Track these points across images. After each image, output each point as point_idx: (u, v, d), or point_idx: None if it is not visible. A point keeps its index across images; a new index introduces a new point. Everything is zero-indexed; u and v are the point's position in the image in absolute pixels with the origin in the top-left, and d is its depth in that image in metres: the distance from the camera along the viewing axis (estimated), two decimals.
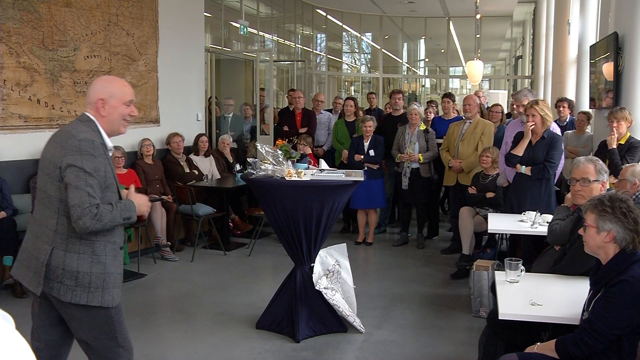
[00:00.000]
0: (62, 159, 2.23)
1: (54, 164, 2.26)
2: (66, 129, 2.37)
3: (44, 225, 2.32)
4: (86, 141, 2.26)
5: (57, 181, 2.26)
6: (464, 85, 23.22)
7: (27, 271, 2.35)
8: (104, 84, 2.43)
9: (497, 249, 5.51)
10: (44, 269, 2.26)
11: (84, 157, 2.23)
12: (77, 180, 2.20)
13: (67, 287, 2.27)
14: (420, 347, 3.81)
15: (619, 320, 2.17)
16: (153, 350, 3.78)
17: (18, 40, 5.20)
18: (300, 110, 7.49)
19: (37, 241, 2.33)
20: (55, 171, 2.26)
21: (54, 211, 2.29)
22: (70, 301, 2.28)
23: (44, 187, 2.33)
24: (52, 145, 2.34)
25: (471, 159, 5.90)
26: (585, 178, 3.08)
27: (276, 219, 3.95)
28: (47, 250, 2.27)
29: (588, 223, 2.33)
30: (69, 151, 2.24)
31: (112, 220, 2.26)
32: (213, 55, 8.45)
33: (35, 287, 2.30)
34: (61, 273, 2.26)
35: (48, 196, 2.31)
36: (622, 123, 4.87)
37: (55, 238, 2.28)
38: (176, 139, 6.47)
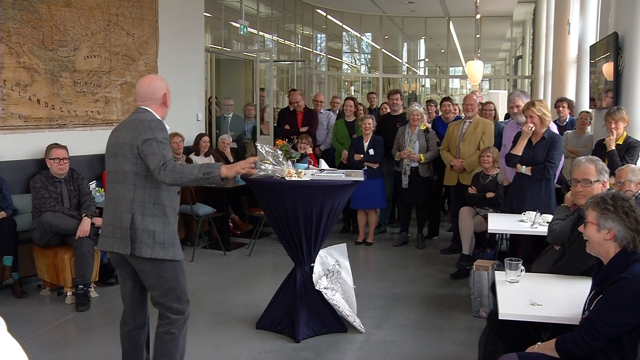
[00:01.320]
0: (138, 137, 2.72)
1: (130, 144, 2.74)
2: (132, 119, 2.85)
3: (121, 198, 2.79)
4: (155, 121, 2.79)
5: (132, 158, 2.74)
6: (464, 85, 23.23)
7: (114, 240, 2.80)
8: (161, 81, 2.97)
9: (497, 249, 5.51)
10: (129, 232, 2.73)
11: (155, 131, 2.73)
12: (152, 148, 2.69)
13: (146, 245, 2.73)
14: (420, 347, 3.81)
15: (618, 318, 2.17)
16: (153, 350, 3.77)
17: (18, 40, 5.20)
18: (302, 110, 7.49)
19: (117, 213, 2.80)
20: (132, 150, 2.73)
21: (131, 184, 2.76)
22: (150, 256, 2.73)
23: (119, 168, 2.80)
24: (124, 132, 2.81)
25: (473, 158, 5.90)
26: (587, 179, 3.08)
27: (276, 219, 3.95)
28: (128, 217, 2.75)
29: (589, 220, 2.33)
30: (143, 130, 2.73)
31: (190, 173, 2.68)
32: (213, 55, 8.46)
33: (125, 248, 2.75)
34: (141, 233, 2.74)
35: (124, 173, 2.78)
36: (620, 124, 4.87)
37: (133, 206, 2.75)
38: (176, 139, 6.46)
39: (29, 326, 4.15)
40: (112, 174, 2.86)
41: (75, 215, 4.76)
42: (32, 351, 2.76)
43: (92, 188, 5.25)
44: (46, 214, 4.64)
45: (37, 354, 3.62)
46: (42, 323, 4.27)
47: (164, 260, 2.77)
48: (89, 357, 3.68)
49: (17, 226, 4.83)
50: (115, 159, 2.83)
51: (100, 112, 5.98)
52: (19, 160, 5.25)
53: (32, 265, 4.93)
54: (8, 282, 4.71)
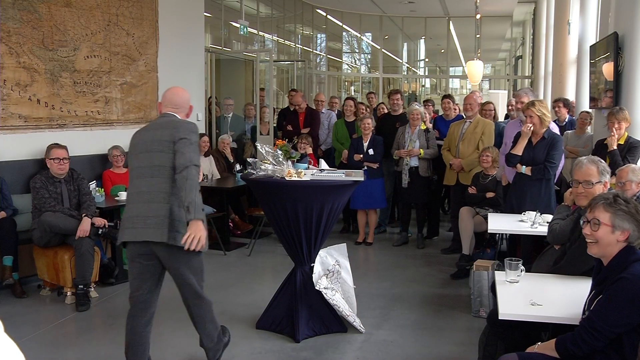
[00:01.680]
0: (177, 134, 2.95)
1: (168, 141, 2.96)
2: (167, 120, 3.09)
3: (155, 191, 2.97)
4: (193, 125, 3.08)
5: (170, 153, 2.94)
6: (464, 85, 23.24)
7: (147, 229, 2.96)
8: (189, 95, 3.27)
9: (497, 249, 5.51)
10: (167, 221, 2.92)
11: (192, 134, 2.99)
12: (184, 147, 2.92)
13: (181, 234, 2.89)
14: (420, 347, 3.81)
15: (617, 318, 2.17)
16: (153, 350, 3.76)
17: (18, 40, 5.20)
18: (304, 111, 7.48)
19: (152, 205, 2.96)
20: (169, 145, 2.94)
21: (167, 177, 2.95)
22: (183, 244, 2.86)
23: (153, 163, 2.98)
24: (160, 131, 3.03)
25: (471, 157, 5.90)
26: (588, 180, 3.06)
27: (276, 219, 3.95)
28: (166, 208, 2.93)
29: (603, 222, 2.29)
30: (183, 129, 2.99)
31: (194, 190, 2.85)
32: (213, 55, 8.46)
33: (160, 236, 2.93)
34: (177, 224, 2.93)
35: (159, 167, 2.97)
36: (623, 124, 4.88)
37: (170, 198, 2.94)
38: None
39: (29, 326, 4.15)
40: (142, 169, 3.02)
41: (75, 215, 4.76)
42: (32, 351, 2.77)
43: (92, 188, 5.25)
44: (46, 214, 4.64)
45: (37, 354, 3.62)
46: (42, 323, 4.27)
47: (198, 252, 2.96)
48: (89, 357, 3.68)
49: (17, 226, 4.84)
50: (149, 155, 3.01)
51: (100, 112, 5.98)
52: (19, 160, 5.25)
53: (32, 265, 4.93)
54: (8, 282, 4.71)
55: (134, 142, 3.12)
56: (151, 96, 6.56)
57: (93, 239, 4.72)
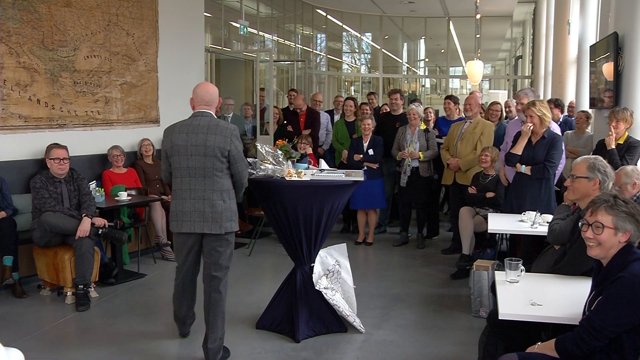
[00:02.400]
0: (230, 144, 3.38)
1: (221, 148, 3.37)
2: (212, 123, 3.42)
3: (209, 189, 3.41)
4: (235, 130, 3.48)
5: (222, 157, 3.38)
6: (464, 85, 23.25)
7: (205, 222, 3.42)
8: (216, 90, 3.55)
9: (497, 249, 5.51)
10: (222, 214, 3.41)
11: (237, 140, 3.46)
12: (240, 155, 3.46)
13: (232, 222, 3.48)
14: (420, 347, 3.81)
15: (617, 318, 2.17)
16: (153, 350, 3.78)
17: (18, 40, 5.20)
18: (304, 112, 7.48)
19: (207, 201, 3.41)
20: (223, 152, 3.37)
21: (220, 178, 3.42)
22: (233, 230, 3.48)
23: (207, 165, 3.38)
24: (211, 137, 3.37)
25: (469, 157, 5.90)
26: (573, 174, 3.13)
27: (276, 219, 3.95)
28: (221, 202, 3.41)
29: (606, 225, 2.29)
30: (233, 138, 3.42)
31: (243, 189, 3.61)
32: (213, 55, 8.46)
33: (218, 229, 3.43)
34: (229, 214, 3.45)
35: (211, 169, 3.38)
36: (621, 124, 4.87)
37: (222, 194, 3.42)
38: None
39: (29, 326, 4.15)
40: (196, 170, 3.41)
41: (75, 215, 4.76)
42: (32, 351, 2.77)
43: (92, 188, 5.25)
44: (46, 214, 4.64)
45: (37, 354, 3.62)
46: (42, 323, 4.27)
47: (232, 232, 3.51)
48: (89, 357, 3.68)
49: (17, 226, 4.83)
50: (203, 158, 3.37)
51: (100, 112, 5.98)
52: (19, 160, 5.25)
53: (32, 265, 4.94)
54: (8, 282, 4.71)
55: (181, 143, 3.40)
56: (151, 96, 6.56)
57: (93, 239, 4.72)
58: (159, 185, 6.25)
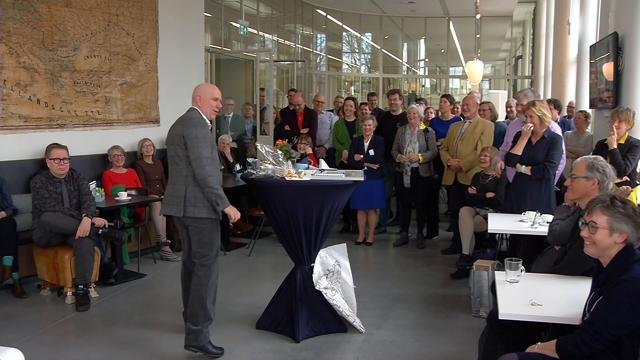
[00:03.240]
0: (184, 131, 3.52)
1: (179, 136, 3.54)
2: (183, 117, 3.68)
3: (177, 175, 3.62)
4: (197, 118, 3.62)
5: (183, 145, 3.53)
6: (464, 85, 23.24)
7: (172, 206, 3.64)
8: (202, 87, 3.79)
9: (497, 249, 5.51)
10: (183, 200, 3.57)
11: (193, 128, 3.53)
12: (192, 143, 3.51)
13: (197, 208, 3.57)
14: (420, 347, 3.81)
15: (619, 321, 2.17)
16: (153, 350, 3.78)
17: (18, 40, 5.20)
18: (302, 111, 7.48)
19: (175, 186, 3.63)
20: (182, 140, 3.52)
21: (184, 164, 3.56)
22: (202, 216, 3.57)
23: (175, 153, 3.59)
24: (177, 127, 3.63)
25: (470, 157, 5.90)
26: (572, 174, 3.12)
27: (276, 219, 3.95)
28: (183, 189, 3.58)
29: (600, 225, 2.29)
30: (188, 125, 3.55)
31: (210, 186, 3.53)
32: (213, 55, 8.46)
33: (179, 211, 3.59)
34: (193, 200, 3.56)
35: (178, 157, 3.58)
36: (623, 124, 4.86)
37: (187, 180, 3.57)
38: None
39: (29, 326, 4.15)
40: (171, 158, 3.68)
41: (75, 215, 4.76)
42: (32, 351, 2.77)
43: (92, 188, 5.25)
44: (46, 214, 4.64)
45: (37, 354, 3.62)
46: (42, 323, 4.27)
47: (207, 219, 3.59)
48: (89, 357, 3.68)
49: (17, 226, 4.83)
50: (172, 147, 3.65)
51: (100, 112, 5.98)
52: (19, 160, 5.25)
53: (32, 265, 4.94)
54: (8, 282, 4.71)
55: (168, 135, 3.81)
56: (151, 96, 6.56)
57: (93, 239, 4.72)
58: (159, 185, 6.25)
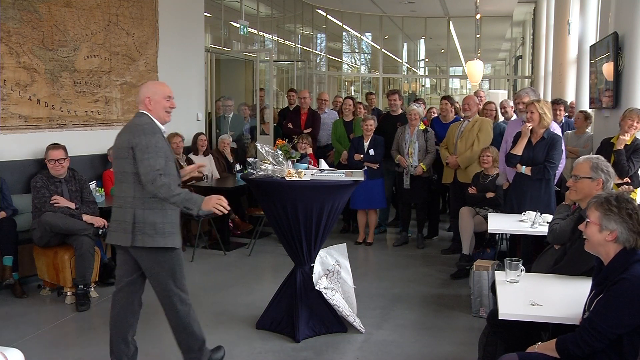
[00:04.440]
0: (132, 140, 2.96)
1: (126, 147, 2.98)
2: (129, 123, 3.13)
3: (123, 196, 3.06)
4: (146, 124, 3.04)
5: (130, 159, 2.97)
6: (464, 85, 23.22)
7: (118, 234, 3.08)
8: (149, 86, 3.23)
9: (497, 249, 5.50)
10: (131, 227, 3.00)
11: (142, 136, 2.97)
12: (142, 154, 2.94)
13: (149, 236, 3.01)
14: (420, 347, 3.81)
15: (619, 319, 2.17)
16: (153, 350, 3.78)
17: (18, 40, 5.20)
18: (306, 111, 7.47)
19: (121, 210, 3.07)
20: (129, 152, 2.96)
21: (131, 183, 3.00)
22: (152, 246, 3.00)
23: (121, 169, 3.06)
24: (122, 136, 3.05)
25: (467, 154, 5.90)
26: (576, 175, 3.10)
27: (276, 219, 3.95)
28: (131, 212, 3.01)
29: (591, 220, 2.32)
30: (136, 133, 2.98)
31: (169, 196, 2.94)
32: (213, 55, 8.45)
33: (125, 241, 3.03)
34: (143, 226, 3.00)
35: (125, 173, 3.03)
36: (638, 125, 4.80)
37: (134, 202, 3.01)
38: (176, 140, 6.46)
39: (29, 326, 4.15)
40: (116, 174, 3.17)
41: (75, 214, 4.76)
42: (32, 351, 2.77)
43: (92, 188, 5.25)
44: (46, 214, 4.63)
45: (37, 354, 3.62)
46: (42, 323, 4.27)
47: (162, 249, 3.04)
48: (89, 357, 3.68)
49: (17, 226, 4.83)
50: (117, 161, 3.12)
51: (100, 112, 5.98)
52: (19, 160, 5.25)
53: (32, 265, 4.93)
54: (8, 282, 4.71)
55: (113, 146, 3.21)
56: None
57: (93, 239, 4.72)
58: None
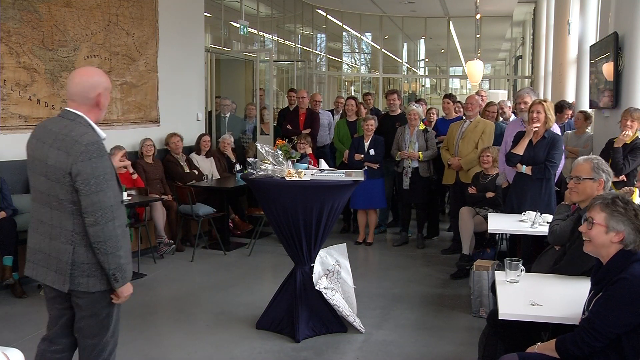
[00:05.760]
0: (72, 166, 2.27)
1: (63, 170, 2.29)
2: (62, 129, 2.34)
3: (58, 226, 2.37)
4: (92, 144, 2.31)
5: (68, 187, 2.30)
6: (464, 85, 23.23)
7: (48, 271, 2.42)
8: (100, 77, 2.45)
9: (497, 249, 5.50)
10: (69, 268, 2.35)
11: (91, 158, 2.29)
12: (86, 186, 2.28)
13: (95, 279, 2.37)
14: (420, 347, 3.81)
15: (618, 319, 2.17)
16: (153, 350, 3.78)
17: (18, 40, 5.20)
18: (305, 111, 7.47)
19: (54, 242, 2.38)
20: (65, 177, 2.30)
21: (69, 213, 2.34)
22: (99, 289, 2.39)
23: (51, 192, 2.35)
24: (54, 152, 2.32)
25: (470, 156, 5.90)
26: (578, 176, 3.09)
27: (276, 219, 3.95)
28: (69, 250, 2.35)
29: (597, 221, 2.30)
30: (78, 153, 2.28)
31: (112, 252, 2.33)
32: (213, 55, 8.45)
33: (61, 285, 2.38)
34: (87, 266, 2.36)
35: (59, 200, 2.34)
36: (636, 123, 4.81)
37: (74, 237, 2.35)
38: (174, 139, 6.46)
39: (29, 326, 4.14)
40: (41, 194, 2.40)
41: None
42: (32, 351, 2.77)
43: None
44: None
45: None
46: (42, 323, 4.23)
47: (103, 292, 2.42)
48: None
49: (17, 226, 4.83)
50: (46, 181, 2.35)
51: None
52: (19, 160, 5.24)
53: None
54: (8, 282, 4.71)
55: (30, 152, 2.44)
56: (151, 96, 6.56)
57: None
58: (159, 185, 6.26)
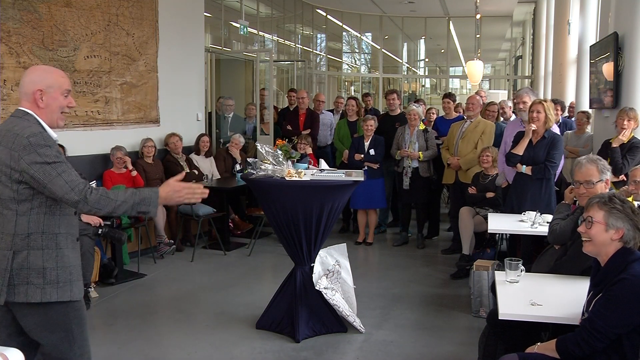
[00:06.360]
0: (18, 162, 2.13)
1: (6, 166, 2.15)
2: (6, 129, 2.21)
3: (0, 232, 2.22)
4: (34, 136, 2.16)
5: (9, 182, 2.16)
6: (464, 85, 23.23)
7: None
8: (42, 74, 2.29)
9: (497, 249, 5.50)
10: (7, 275, 2.16)
11: (37, 150, 2.14)
12: (47, 176, 2.13)
13: (35, 287, 2.17)
14: (420, 347, 3.81)
15: (619, 319, 2.17)
16: (153, 350, 3.78)
17: (18, 40, 5.20)
18: (305, 111, 7.47)
19: None
20: (8, 173, 2.15)
21: (12, 214, 2.19)
22: (40, 301, 2.17)
23: None
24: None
25: (469, 156, 5.90)
26: (589, 180, 3.05)
27: (276, 219, 3.95)
28: (8, 256, 2.18)
29: (596, 220, 2.30)
30: (22, 151, 2.13)
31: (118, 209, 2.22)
32: (213, 55, 8.45)
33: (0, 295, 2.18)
34: (26, 273, 2.17)
35: (0, 201, 2.20)
36: (632, 122, 4.83)
37: (15, 241, 2.18)
38: (173, 139, 6.46)
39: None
40: None
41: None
42: None
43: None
44: None
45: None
46: None
47: (57, 303, 2.21)
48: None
49: None
50: None
51: (100, 112, 5.98)
52: None
53: None
54: None
55: None
56: (151, 96, 6.56)
57: (93, 239, 4.72)
58: (159, 185, 6.24)
